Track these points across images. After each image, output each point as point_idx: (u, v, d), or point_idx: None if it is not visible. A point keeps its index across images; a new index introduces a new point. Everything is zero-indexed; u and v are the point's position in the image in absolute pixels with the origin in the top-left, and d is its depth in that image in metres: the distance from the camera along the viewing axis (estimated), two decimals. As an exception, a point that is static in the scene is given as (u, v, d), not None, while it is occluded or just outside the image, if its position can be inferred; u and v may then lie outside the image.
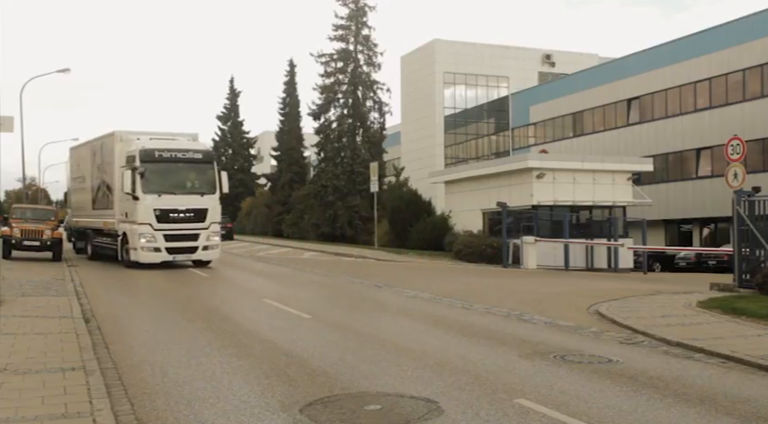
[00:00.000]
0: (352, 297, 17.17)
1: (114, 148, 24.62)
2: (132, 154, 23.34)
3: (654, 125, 44.85)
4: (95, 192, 27.02)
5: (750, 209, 18.01)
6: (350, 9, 53.41)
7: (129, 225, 23.24)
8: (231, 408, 6.85)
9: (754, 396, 7.52)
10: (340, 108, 54.24)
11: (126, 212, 23.52)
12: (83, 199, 28.91)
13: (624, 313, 13.39)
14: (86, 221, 28.29)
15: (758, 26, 37.53)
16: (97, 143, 27.11)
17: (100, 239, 26.77)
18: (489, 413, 6.67)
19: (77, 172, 29.83)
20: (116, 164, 24.29)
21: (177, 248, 23.24)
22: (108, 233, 25.60)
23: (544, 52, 68.35)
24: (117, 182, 23.99)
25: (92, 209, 27.40)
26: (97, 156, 26.78)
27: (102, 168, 26.13)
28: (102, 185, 26.27)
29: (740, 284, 17.91)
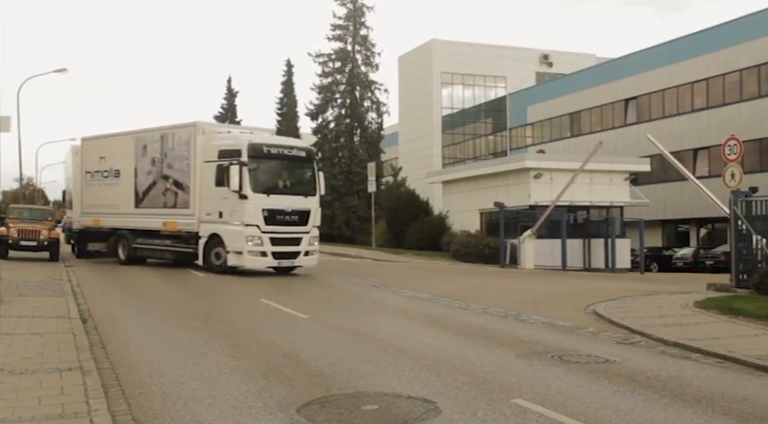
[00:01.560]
0: (349, 297, 17.16)
1: (194, 140, 22.15)
2: (231, 148, 21.13)
3: (651, 125, 44.87)
4: (145, 188, 24.12)
5: (747, 209, 18.04)
6: (348, 9, 53.47)
7: (226, 226, 20.91)
8: (228, 408, 6.84)
9: (751, 396, 7.52)
10: (338, 108, 54.29)
11: (220, 211, 21.13)
12: (112, 196, 25.57)
13: (621, 314, 13.40)
14: (122, 220, 25.09)
15: (755, 26, 37.59)
16: (152, 134, 24.56)
17: (149, 241, 24.07)
18: (487, 413, 6.67)
19: (99, 166, 26.48)
20: (197, 158, 21.96)
21: (282, 253, 21.13)
22: (169, 235, 23.25)
23: (541, 52, 68.42)
24: (194, 178, 21.91)
25: (134, 208, 24.57)
26: (151, 148, 23.99)
27: (167, 161, 23.32)
28: (161, 180, 23.47)
29: (737, 284, 17.94)
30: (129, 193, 24.84)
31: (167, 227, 23.25)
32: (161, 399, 7.20)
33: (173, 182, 23.11)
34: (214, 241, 21.50)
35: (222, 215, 21.18)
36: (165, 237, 23.60)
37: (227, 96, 74.97)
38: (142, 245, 24.48)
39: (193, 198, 22.19)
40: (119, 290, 18.04)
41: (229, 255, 20.96)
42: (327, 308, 14.89)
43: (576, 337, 11.32)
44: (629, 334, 11.47)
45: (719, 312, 13.43)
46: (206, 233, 21.71)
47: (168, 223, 23.14)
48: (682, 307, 14.43)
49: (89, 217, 26.95)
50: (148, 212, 24.06)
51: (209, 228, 21.61)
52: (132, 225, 24.75)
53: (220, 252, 21.33)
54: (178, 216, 22.77)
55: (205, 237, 21.76)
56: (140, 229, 24.44)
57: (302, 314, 13.37)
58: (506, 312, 14.08)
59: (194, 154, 22.16)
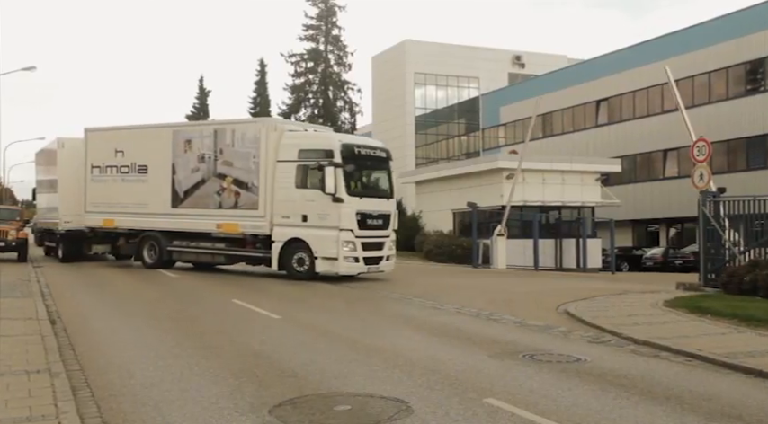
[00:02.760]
0: (322, 297, 17.11)
1: (265, 138, 20.68)
2: (317, 148, 20.04)
3: (622, 126, 45.38)
4: (189, 186, 22.39)
5: (715, 210, 18.29)
6: (320, 9, 53.46)
7: (314, 231, 19.66)
8: (199, 409, 6.80)
9: (718, 394, 7.63)
10: (311, 108, 54.25)
11: (304, 215, 19.84)
12: (135, 194, 23.56)
13: (592, 313, 13.52)
14: (151, 221, 23.19)
15: (722, 30, 38.13)
16: (200, 128, 23.62)
17: (192, 244, 22.56)
18: (459, 413, 6.69)
19: (114, 161, 24.25)
20: (268, 157, 20.54)
21: (370, 258, 20.15)
22: (223, 237, 21.92)
23: (514, 53, 68.85)
24: (264, 177, 20.52)
25: (171, 207, 22.74)
26: (199, 143, 22.27)
27: (223, 158, 21.65)
28: (214, 178, 21.82)
29: (705, 283, 18.18)
30: (162, 191, 22.90)
31: (223, 230, 21.69)
32: (131, 401, 7.13)
33: (233, 181, 21.45)
34: (294, 246, 20.19)
35: (307, 218, 19.87)
36: (218, 240, 22.13)
37: (200, 95, 74.48)
38: (181, 248, 22.81)
39: (264, 200, 20.65)
40: (89, 291, 17.84)
41: (318, 261, 19.77)
42: (300, 308, 14.84)
43: (548, 336, 11.39)
44: (600, 333, 11.57)
45: (688, 311, 13.59)
46: (282, 237, 20.30)
47: (225, 225, 21.56)
48: (651, 306, 14.58)
49: (97, 217, 24.64)
50: (194, 213, 22.24)
51: (286, 232, 20.22)
52: (167, 227, 22.84)
53: (304, 258, 20.07)
54: (241, 217, 21.18)
55: (281, 241, 20.34)
56: (179, 231, 22.69)
57: (275, 315, 13.31)
58: (479, 311, 14.14)
59: (265, 153, 20.64)
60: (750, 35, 36.16)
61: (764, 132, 36.59)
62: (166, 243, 23.05)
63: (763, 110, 36.53)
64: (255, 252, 21.33)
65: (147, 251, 23.67)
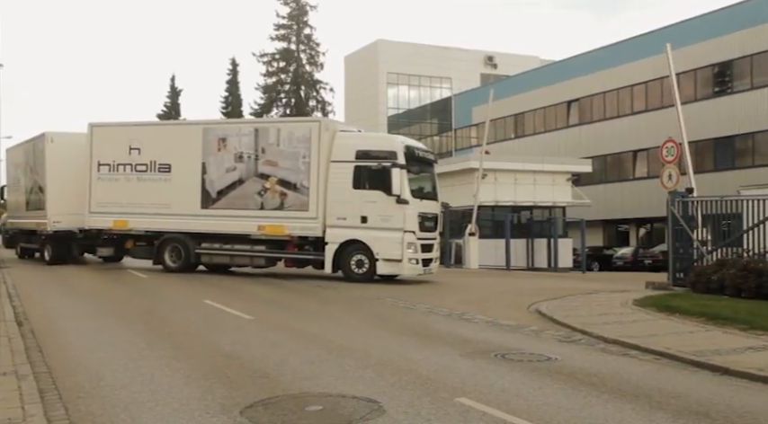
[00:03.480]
0: (294, 297, 17.06)
1: (318, 138, 20.29)
2: (378, 149, 19.83)
3: (593, 127, 45.80)
4: (223, 186, 21.60)
5: (684, 210, 18.52)
6: (291, 8, 53.30)
7: (376, 232, 19.39)
8: (170, 411, 6.74)
9: (686, 392, 7.73)
10: (283, 107, 54.08)
11: (363, 216, 19.53)
12: (155, 194, 22.48)
13: (563, 312, 13.62)
14: (175, 222, 22.10)
15: (691, 33, 38.63)
16: (237, 126, 22.90)
17: (225, 246, 21.68)
18: (431, 412, 6.70)
19: (128, 159, 22.99)
20: (320, 157, 20.17)
21: (425, 259, 20.02)
22: (264, 239, 21.13)
23: (486, 54, 69.20)
24: (316, 178, 20.15)
25: (201, 208, 21.79)
26: (236, 142, 21.58)
27: (266, 158, 21.02)
28: (254, 178, 21.16)
29: (674, 282, 18.40)
30: (190, 191, 21.91)
31: (266, 232, 20.89)
32: (100, 403, 7.05)
33: (277, 182, 20.80)
34: (351, 248, 19.85)
35: (367, 219, 19.54)
36: (257, 242, 21.30)
37: (171, 94, 73.89)
38: (212, 251, 21.90)
39: (315, 201, 20.20)
40: (57, 292, 17.62)
41: (379, 263, 19.49)
42: (272, 308, 14.79)
43: (519, 336, 11.46)
44: (571, 332, 11.66)
45: (657, 310, 13.74)
46: (338, 238, 19.90)
47: (269, 226, 20.81)
48: (621, 305, 14.73)
49: (106, 218, 23.16)
50: (229, 214, 21.43)
51: (342, 233, 19.84)
52: (196, 229, 21.84)
53: (363, 260, 19.76)
54: (288, 219, 20.59)
55: (336, 243, 19.92)
56: (210, 233, 21.75)
57: (246, 315, 13.25)
58: (451, 311, 14.18)
59: (317, 153, 20.20)
60: (718, 38, 36.69)
61: (732, 133, 37.16)
62: (194, 246, 21.96)
63: (730, 111, 37.09)
64: (303, 255, 20.92)
65: (169, 255, 22.44)
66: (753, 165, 36.23)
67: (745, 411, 6.95)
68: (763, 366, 8.65)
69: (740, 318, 12.13)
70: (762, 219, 16.51)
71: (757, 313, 12.60)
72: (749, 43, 35.97)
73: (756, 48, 35.58)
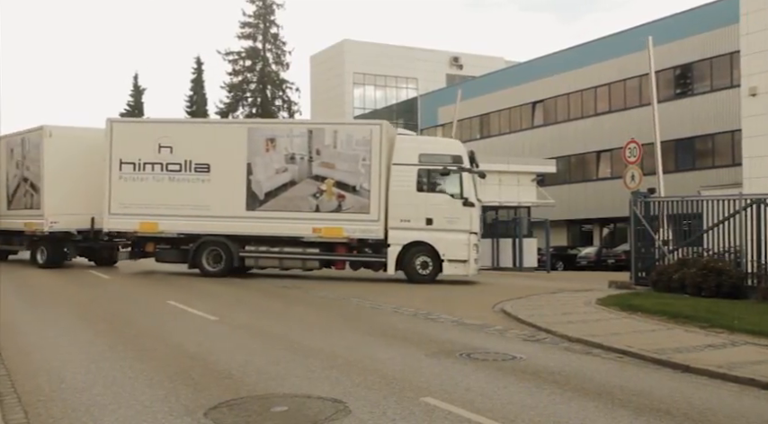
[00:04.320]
0: (259, 298, 16.98)
1: (379, 141, 20.43)
2: (443, 153, 20.40)
3: (557, 128, 46.23)
4: (271, 188, 21.11)
5: (646, 210, 18.80)
6: (257, 7, 53.00)
7: (442, 234, 19.74)
8: (133, 413, 6.66)
9: (648, 389, 7.84)
10: (248, 106, 53.76)
11: (429, 218, 19.91)
12: (191, 195, 21.50)
13: (528, 311, 13.73)
14: (216, 225, 21.24)
15: (653, 35, 39.13)
16: (285, 127, 22.47)
17: (273, 249, 21.11)
18: (396, 412, 6.71)
19: (158, 157, 21.80)
20: (382, 160, 20.34)
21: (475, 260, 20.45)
22: (318, 242, 20.86)
23: (452, 55, 69.48)
24: (378, 181, 20.28)
25: (246, 210, 21.18)
26: (285, 143, 21.17)
27: (321, 160, 20.86)
28: (308, 180, 20.87)
29: (636, 281, 18.67)
30: (234, 192, 21.25)
31: (322, 234, 20.66)
32: (61, 406, 6.94)
33: (334, 184, 20.68)
34: (415, 249, 20.12)
35: (432, 222, 19.90)
36: (310, 244, 20.97)
37: (134, 93, 72.96)
38: (258, 254, 21.25)
39: (377, 203, 20.30)
40: (18, 293, 17.30)
41: (446, 264, 19.86)
42: (237, 309, 14.69)
43: (485, 335, 11.53)
44: (535, 331, 11.77)
45: (620, 308, 13.92)
46: (401, 240, 20.13)
47: (325, 229, 20.58)
48: (585, 305, 14.90)
49: (130, 220, 21.80)
50: (278, 216, 20.90)
51: (406, 235, 20.11)
52: (240, 231, 21.15)
53: (428, 262, 20.07)
54: (346, 221, 20.49)
55: (399, 245, 20.14)
56: (255, 235, 21.15)
57: (211, 316, 13.15)
58: (416, 311, 14.21)
59: (378, 155, 20.32)
60: (680, 40, 37.25)
61: (693, 134, 37.77)
62: (238, 249, 21.25)
63: (691, 113, 37.70)
64: (363, 257, 20.95)
65: (208, 258, 21.52)
66: (713, 166, 36.85)
67: (705, 408, 7.07)
68: (722, 363, 8.82)
69: (700, 316, 12.36)
70: (721, 219, 16.81)
71: (717, 312, 12.84)
72: (709, 46, 36.60)
73: (716, 51, 36.20)
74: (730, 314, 12.51)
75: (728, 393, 7.75)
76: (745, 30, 24.35)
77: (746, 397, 7.61)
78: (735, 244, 16.41)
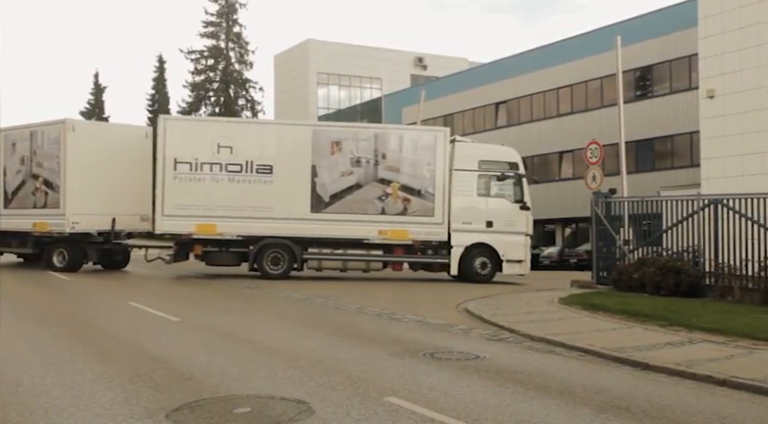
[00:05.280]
0: (222, 299, 16.86)
1: (443, 146, 21.25)
2: (500, 160, 21.67)
3: (520, 128, 46.59)
4: (337, 191, 21.30)
5: (607, 210, 19.04)
6: (220, 5, 52.61)
7: (502, 236, 20.76)
8: (92, 416, 6.56)
9: (609, 387, 7.94)
10: (211, 106, 53.33)
11: (489, 221, 21.10)
12: (252, 197, 21.21)
13: (491, 311, 13.83)
14: (279, 227, 21.06)
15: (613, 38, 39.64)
16: (358, 131, 22.47)
17: (339, 251, 21.35)
18: (360, 412, 6.71)
19: (216, 158, 21.33)
20: (445, 165, 21.13)
21: None
22: (381, 244, 21.22)
23: (416, 55, 69.64)
24: (442, 185, 21.09)
25: (311, 212, 21.20)
26: (351, 146, 21.39)
27: (386, 163, 21.25)
28: (373, 183, 21.24)
29: (598, 281, 18.90)
30: (298, 194, 21.21)
31: (388, 236, 21.09)
32: (18, 410, 6.81)
33: (400, 187, 21.19)
34: (476, 251, 21.10)
35: (492, 224, 20.99)
36: (374, 246, 21.32)
37: (95, 91, 71.97)
38: (322, 256, 21.41)
39: (441, 206, 21.07)
40: (-27, 295, 16.94)
41: (505, 264, 20.97)
42: (199, 310, 14.57)
43: (448, 334, 11.58)
44: (499, 331, 11.85)
45: (582, 308, 14.09)
46: (464, 242, 21.08)
47: (391, 231, 21.05)
48: (547, 304, 15.05)
49: (186, 222, 21.04)
50: (344, 218, 21.16)
51: (469, 238, 21.08)
52: (305, 234, 21.17)
53: (487, 262, 21.12)
54: (412, 224, 21.08)
55: (461, 247, 21.07)
56: (318, 237, 21.25)
57: (173, 317, 13.01)
58: (381, 311, 14.23)
59: (442, 161, 21.13)
60: (639, 43, 37.75)
61: (653, 136, 38.34)
62: (301, 251, 21.30)
63: (651, 114, 38.26)
64: (427, 258, 21.55)
65: (267, 261, 21.31)
66: (672, 167, 37.45)
67: (664, 405, 7.19)
68: (680, 361, 8.97)
69: (659, 315, 12.56)
70: (680, 219, 17.09)
71: (675, 310, 13.07)
72: (668, 49, 37.19)
73: (675, 54, 36.80)
74: (688, 313, 12.74)
75: (686, 390, 7.89)
76: (703, 33, 24.79)
77: (703, 394, 7.75)
78: (693, 244, 16.70)
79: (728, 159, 23.48)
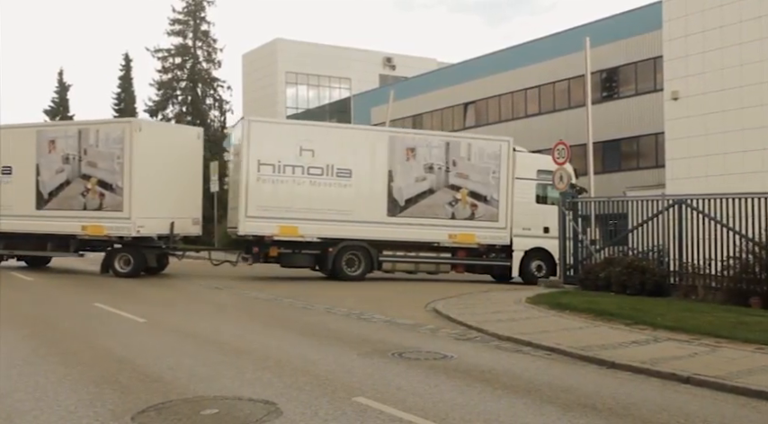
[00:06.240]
0: (189, 299, 16.72)
1: (506, 155, 22.11)
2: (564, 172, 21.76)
3: (489, 128, 46.75)
4: (413, 195, 21.87)
5: (574, 210, 19.22)
6: (187, 3, 52.08)
7: (554, 241, 20.36)
8: (56, 419, 6.47)
9: (575, 385, 8.02)
10: (178, 105, 52.73)
11: (546, 227, 21.40)
12: (333, 200, 21.48)
13: (459, 310, 13.88)
14: (357, 230, 21.47)
15: (580, 40, 40.04)
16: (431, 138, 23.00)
17: (412, 253, 21.99)
18: (328, 412, 6.70)
19: (299, 161, 21.44)
20: (508, 173, 22.05)
21: None
22: (451, 247, 22.01)
23: (385, 55, 69.64)
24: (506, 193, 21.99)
25: (387, 216, 21.73)
26: (425, 153, 22.04)
27: (457, 170, 21.98)
28: (444, 189, 21.98)
29: (565, 280, 19.07)
30: (375, 198, 21.77)
31: (457, 240, 21.87)
32: (-20, 413, 6.69)
33: (468, 193, 22.00)
34: (533, 254, 22.12)
35: (549, 230, 21.29)
36: (443, 250, 22.15)
37: (59, 89, 70.86)
38: (396, 259, 22.07)
39: (504, 212, 22.08)
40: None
41: (559, 267, 20.84)
42: (166, 311, 14.44)
43: (417, 334, 11.60)
44: (467, 330, 11.91)
45: (549, 307, 14.20)
46: (524, 246, 22.08)
47: (460, 235, 21.82)
48: (515, 303, 15.15)
49: (269, 223, 21.06)
50: (418, 222, 21.80)
51: (528, 242, 22.07)
52: (382, 236, 21.72)
53: (542, 265, 22.09)
54: (478, 228, 21.94)
55: (522, 251, 22.08)
56: (393, 240, 21.85)
57: (139, 318, 12.88)
58: (349, 311, 14.22)
59: (506, 169, 22.04)
60: (606, 45, 38.17)
61: (619, 137, 38.75)
62: (377, 253, 21.86)
63: (617, 115, 38.67)
64: (490, 261, 22.42)
65: (345, 262, 21.75)
66: (638, 167, 37.88)
67: (629, 402, 7.28)
68: (645, 359, 9.08)
69: (625, 314, 12.71)
70: (645, 219, 17.32)
71: (641, 309, 13.24)
72: (634, 51, 37.63)
73: (641, 56, 37.24)
74: (653, 312, 12.91)
75: (651, 388, 8.00)
76: (667, 36, 25.13)
77: (668, 391, 7.87)
78: (658, 244, 16.93)
79: (692, 160, 23.83)
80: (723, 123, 23.02)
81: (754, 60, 22.49)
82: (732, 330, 11.02)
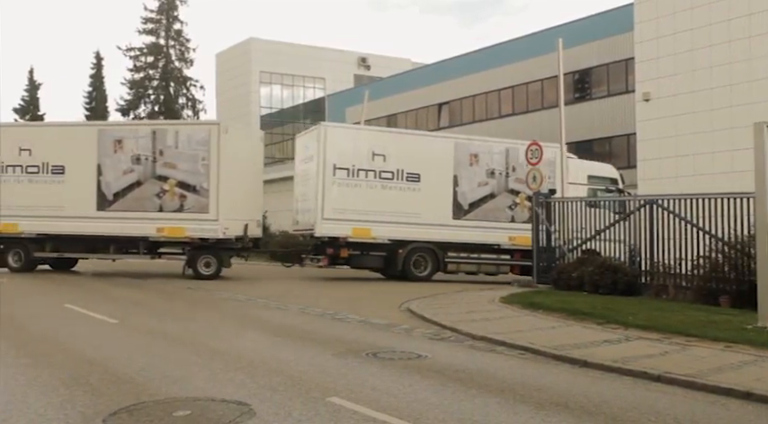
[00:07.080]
0: (162, 300, 16.58)
1: (564, 163, 22.14)
2: (604, 176, 23.43)
3: (463, 129, 46.92)
4: (476, 199, 22.84)
5: (547, 210, 19.35)
6: (160, 2, 51.76)
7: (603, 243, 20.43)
8: (26, 422, 6.37)
9: (548, 384, 8.07)
10: (151, 104, 52.49)
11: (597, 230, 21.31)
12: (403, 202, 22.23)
13: (433, 310, 13.91)
14: (424, 232, 22.32)
15: (553, 41, 40.32)
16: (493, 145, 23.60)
17: (474, 255, 22.82)
18: (302, 413, 6.67)
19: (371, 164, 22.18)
20: (563, 179, 21.95)
21: None
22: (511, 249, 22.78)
23: (359, 55, 69.64)
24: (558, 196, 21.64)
25: (452, 219, 22.70)
26: (487, 159, 22.97)
27: (516, 176, 22.88)
28: (505, 193, 23.00)
29: (538, 280, 19.18)
30: (441, 202, 22.61)
31: (516, 242, 22.51)
32: (-53, 416, 6.58)
33: (526, 197, 22.39)
34: None
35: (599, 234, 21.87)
36: (503, 252, 22.98)
37: (29, 88, 69.98)
38: (459, 260, 22.89)
39: None
40: None
41: None
42: (138, 311, 14.31)
43: (391, 334, 11.61)
44: (441, 330, 11.93)
45: (522, 306, 14.28)
46: None
47: (519, 237, 22.27)
48: (489, 303, 15.21)
49: (344, 225, 21.77)
50: (480, 225, 22.72)
51: None
52: (448, 238, 22.52)
53: None
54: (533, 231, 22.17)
55: None
56: (457, 242, 22.62)
57: (110, 319, 12.75)
58: (323, 311, 14.19)
59: (561, 174, 22.04)
60: (579, 46, 38.48)
61: (592, 137, 39.08)
62: (443, 255, 22.67)
63: (590, 116, 39.01)
64: None
65: (414, 263, 22.51)
66: (610, 168, 38.25)
67: (601, 400, 7.34)
68: (617, 357, 9.16)
69: (597, 313, 12.82)
70: (617, 219, 17.47)
71: (612, 308, 13.35)
72: (606, 52, 37.97)
73: (613, 58, 37.59)
74: (625, 311, 13.03)
75: (623, 386, 8.07)
76: (639, 38, 25.40)
77: (639, 389, 7.94)
78: (630, 243, 17.08)
79: (663, 160, 24.11)
80: (693, 124, 23.33)
81: (723, 62, 22.82)
82: (702, 328, 11.16)
